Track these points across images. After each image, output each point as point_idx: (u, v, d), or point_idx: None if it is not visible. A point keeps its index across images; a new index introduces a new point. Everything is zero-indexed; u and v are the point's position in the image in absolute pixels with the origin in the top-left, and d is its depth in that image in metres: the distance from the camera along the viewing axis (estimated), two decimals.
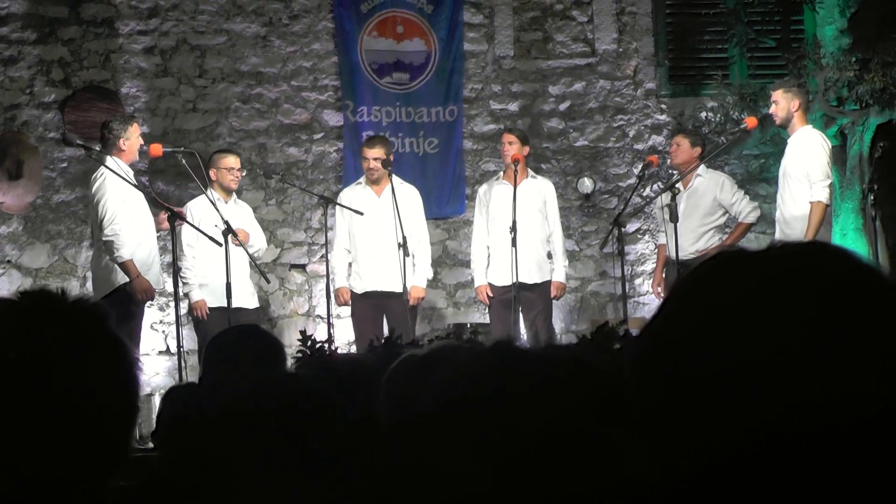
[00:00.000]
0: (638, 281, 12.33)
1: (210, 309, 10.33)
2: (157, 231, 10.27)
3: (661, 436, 1.32)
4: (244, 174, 10.89)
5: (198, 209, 10.40)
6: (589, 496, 1.65)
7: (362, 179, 10.96)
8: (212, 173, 10.69)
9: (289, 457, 3.20)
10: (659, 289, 11.10)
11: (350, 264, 10.90)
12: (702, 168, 10.93)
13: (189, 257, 10.44)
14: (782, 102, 10.32)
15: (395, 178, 10.78)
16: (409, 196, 10.82)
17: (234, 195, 10.81)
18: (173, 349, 11.20)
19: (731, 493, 1.28)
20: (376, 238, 10.72)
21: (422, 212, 10.96)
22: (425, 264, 10.95)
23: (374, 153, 10.77)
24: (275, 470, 3.16)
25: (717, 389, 1.28)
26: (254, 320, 10.40)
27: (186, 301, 10.59)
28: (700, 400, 1.29)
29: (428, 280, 11.10)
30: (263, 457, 3.14)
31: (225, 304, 10.04)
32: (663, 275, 11.07)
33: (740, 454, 1.27)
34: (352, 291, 10.85)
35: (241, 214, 10.77)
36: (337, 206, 10.77)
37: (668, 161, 11.39)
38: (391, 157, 10.83)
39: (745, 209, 10.96)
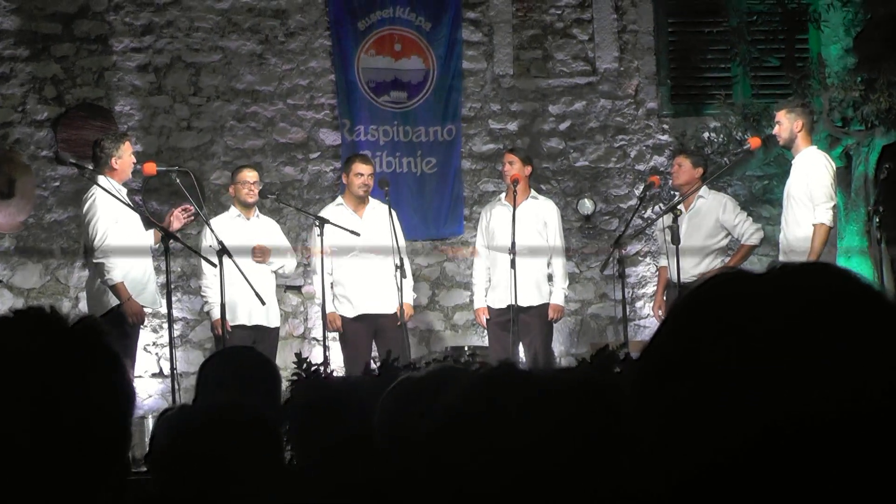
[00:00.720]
0: (639, 304, 12.26)
1: (231, 327, 10.21)
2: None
3: (664, 447, 1.35)
4: (261, 187, 10.79)
5: (216, 228, 10.27)
6: None
7: (341, 200, 10.89)
8: (231, 190, 10.77)
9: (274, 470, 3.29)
10: (660, 311, 11.04)
11: (332, 286, 10.74)
12: (704, 189, 10.87)
13: (209, 275, 10.31)
14: (785, 123, 10.28)
15: (372, 198, 10.77)
16: (388, 216, 10.66)
17: (257, 210, 10.77)
18: (166, 371, 11.12)
19: (732, 501, 1.31)
20: (365, 260, 10.59)
21: (401, 231, 10.81)
22: (410, 283, 10.85)
23: (370, 169, 10.77)
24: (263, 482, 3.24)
25: (717, 400, 1.31)
26: (273, 339, 10.52)
27: (208, 319, 10.77)
28: (700, 412, 1.32)
29: (413, 299, 11.01)
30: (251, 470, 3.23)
31: (246, 323, 10.34)
32: (664, 297, 10.99)
33: (739, 463, 1.30)
34: (341, 316, 10.70)
35: (265, 230, 10.76)
36: (314, 230, 10.59)
37: (670, 182, 11.32)
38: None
39: (748, 231, 10.88)
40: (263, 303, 10.14)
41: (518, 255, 10.35)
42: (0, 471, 1.70)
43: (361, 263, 10.62)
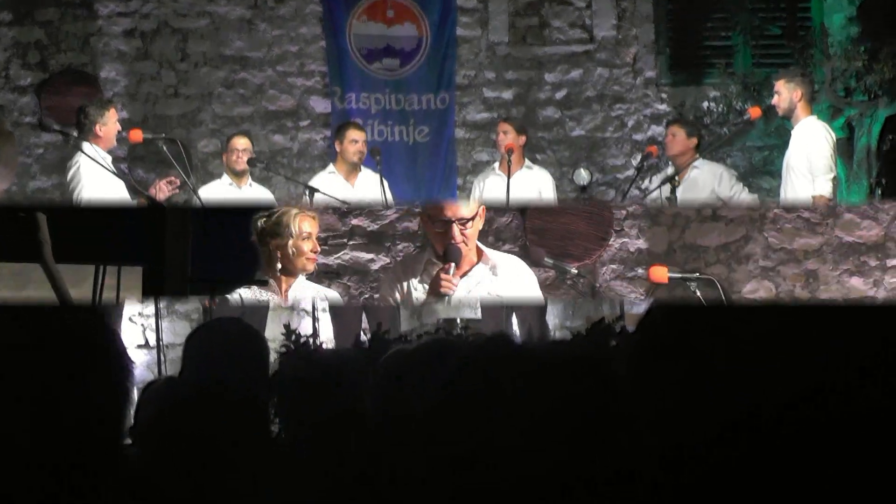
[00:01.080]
0: None
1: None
2: None
3: (659, 425, 1.37)
4: (253, 155, 10.76)
5: (208, 196, 10.35)
6: (591, 481, 1.75)
7: (333, 168, 10.80)
8: (223, 157, 10.78)
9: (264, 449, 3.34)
10: None
11: None
12: (699, 160, 10.74)
13: None
14: (784, 93, 10.19)
15: (363, 167, 10.73)
16: (379, 185, 10.56)
17: (250, 179, 10.73)
18: (152, 342, 11.08)
19: (719, 478, 1.33)
20: None
21: (392, 201, 10.72)
22: None
23: (364, 136, 10.73)
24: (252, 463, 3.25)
25: (705, 387, 1.33)
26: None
27: None
28: (691, 394, 1.34)
29: None
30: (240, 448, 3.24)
31: None
32: None
33: (729, 444, 1.32)
34: None
35: (257, 199, 10.69)
36: (304, 199, 10.51)
37: (665, 151, 11.27)
38: None
39: (744, 203, 10.77)
40: None
41: None
42: None
43: None
